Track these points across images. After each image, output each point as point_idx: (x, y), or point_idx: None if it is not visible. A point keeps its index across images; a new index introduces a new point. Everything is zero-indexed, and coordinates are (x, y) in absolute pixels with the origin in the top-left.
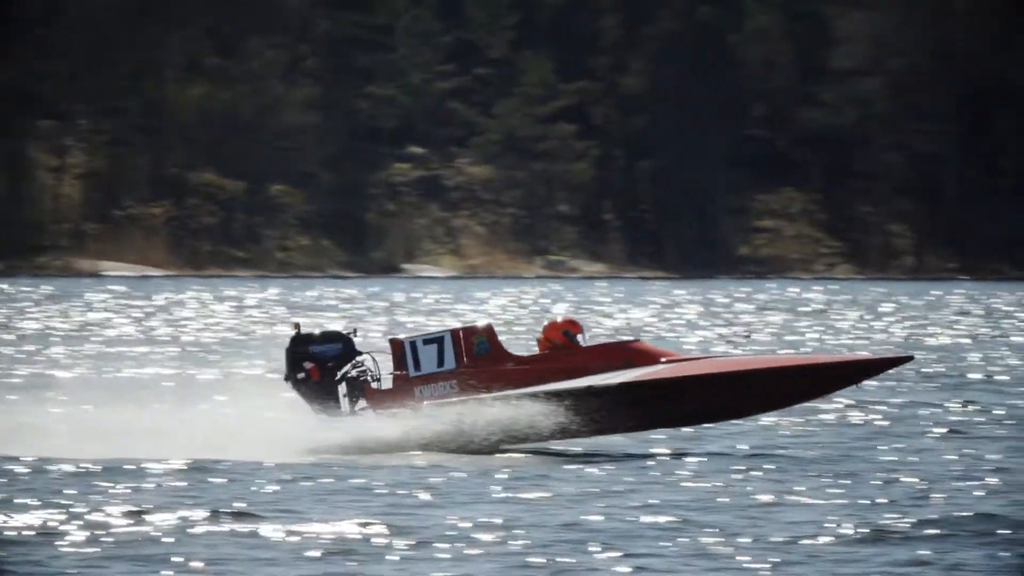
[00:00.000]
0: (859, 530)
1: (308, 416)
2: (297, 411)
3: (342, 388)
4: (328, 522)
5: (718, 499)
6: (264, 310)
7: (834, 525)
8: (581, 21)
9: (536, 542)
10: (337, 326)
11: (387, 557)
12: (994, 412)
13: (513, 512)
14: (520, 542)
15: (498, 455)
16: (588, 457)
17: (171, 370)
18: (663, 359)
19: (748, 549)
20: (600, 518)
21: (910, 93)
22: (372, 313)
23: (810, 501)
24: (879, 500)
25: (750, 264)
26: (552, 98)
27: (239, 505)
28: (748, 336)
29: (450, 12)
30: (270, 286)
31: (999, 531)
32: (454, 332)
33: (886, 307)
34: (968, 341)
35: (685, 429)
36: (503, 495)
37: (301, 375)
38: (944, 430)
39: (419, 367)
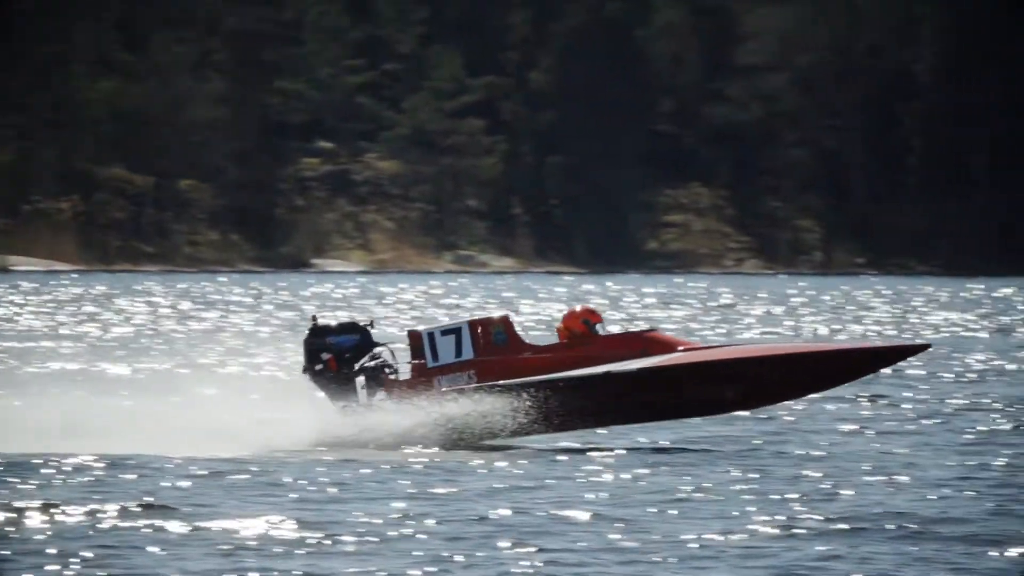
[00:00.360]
0: (769, 525)
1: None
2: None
3: (360, 380)
4: (238, 517)
5: (629, 494)
6: (172, 306)
7: (744, 520)
8: (490, 17)
9: (445, 536)
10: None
11: (296, 552)
12: (903, 407)
13: (423, 507)
14: (429, 536)
15: (412, 450)
16: (501, 452)
17: (78, 365)
18: (680, 347)
19: (658, 543)
20: (509, 512)
21: (817, 89)
22: (279, 308)
23: (720, 496)
24: (789, 495)
25: (659, 259)
26: (461, 93)
27: (148, 499)
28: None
29: (359, 7)
30: (180, 281)
31: (908, 525)
32: (472, 323)
33: (794, 301)
34: (875, 335)
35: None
36: (413, 490)
37: (319, 366)
38: (854, 426)
39: (437, 358)
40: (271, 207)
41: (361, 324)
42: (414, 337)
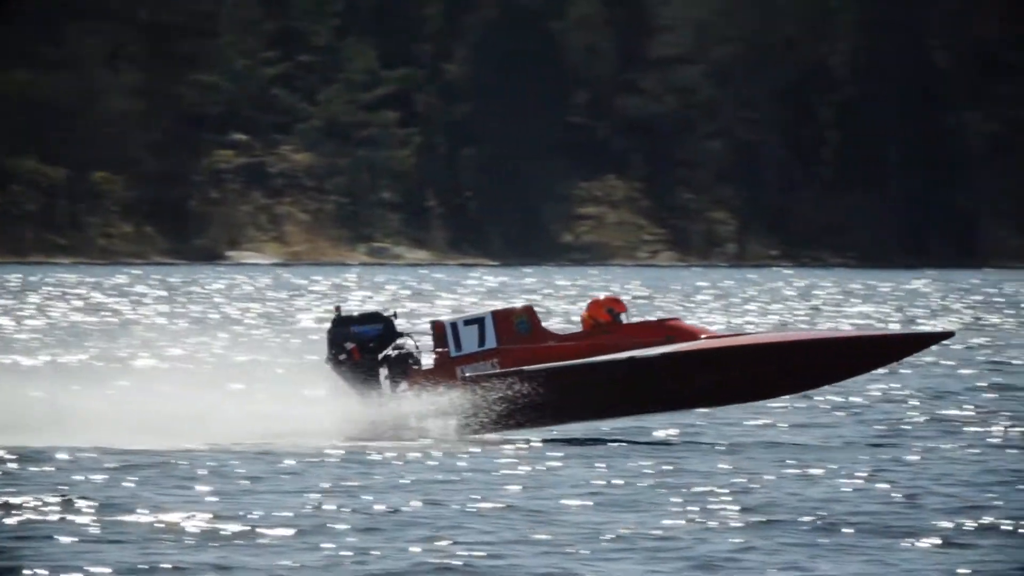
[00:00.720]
0: (682, 517)
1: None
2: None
3: (383, 370)
4: (151, 510)
5: (543, 486)
6: (85, 298)
7: (658, 512)
8: (404, 9)
9: (356, 527)
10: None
11: (209, 544)
12: (815, 399)
13: (338, 499)
14: (342, 528)
15: (331, 442)
16: (412, 446)
17: None
18: (702, 336)
19: (572, 534)
20: (420, 504)
21: (732, 81)
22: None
23: (633, 488)
24: (702, 487)
25: (573, 251)
26: (375, 85)
27: (64, 492)
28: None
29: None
30: (92, 273)
31: (821, 516)
32: (495, 312)
33: (706, 294)
34: (788, 324)
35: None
36: (327, 484)
37: (342, 356)
38: (768, 419)
39: (460, 347)
40: (185, 199)
41: (385, 314)
42: (437, 327)
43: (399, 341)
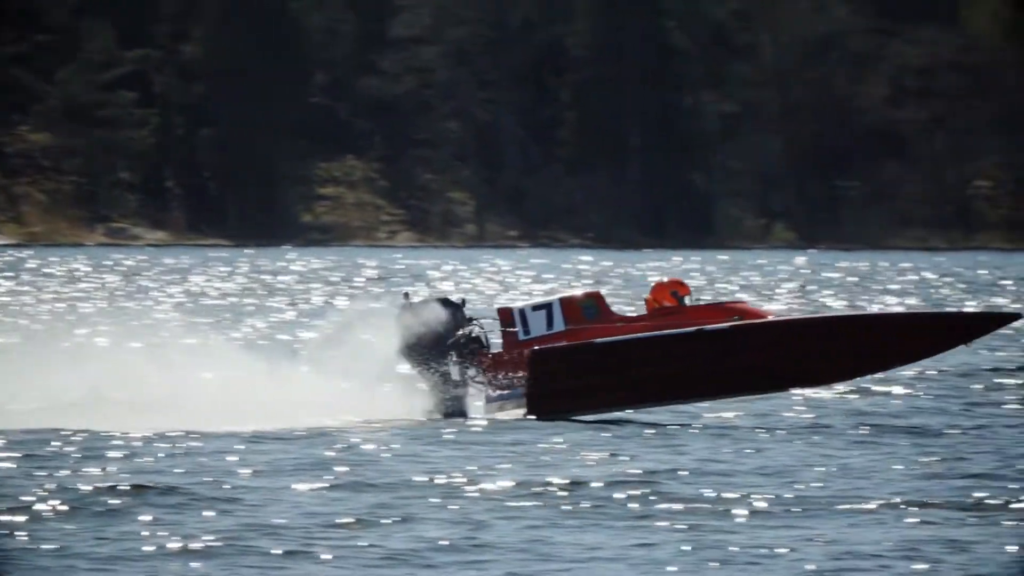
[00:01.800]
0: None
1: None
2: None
3: (452, 355)
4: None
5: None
6: None
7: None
8: None
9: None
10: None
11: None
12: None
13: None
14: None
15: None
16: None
17: None
18: (770, 317)
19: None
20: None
21: (470, 62)
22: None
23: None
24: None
25: (313, 232)
26: (113, 66)
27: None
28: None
29: None
30: None
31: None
32: (563, 299)
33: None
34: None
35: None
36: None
37: (412, 341)
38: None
39: (529, 331)
40: None
41: (454, 300)
42: (504, 314)
43: (468, 327)
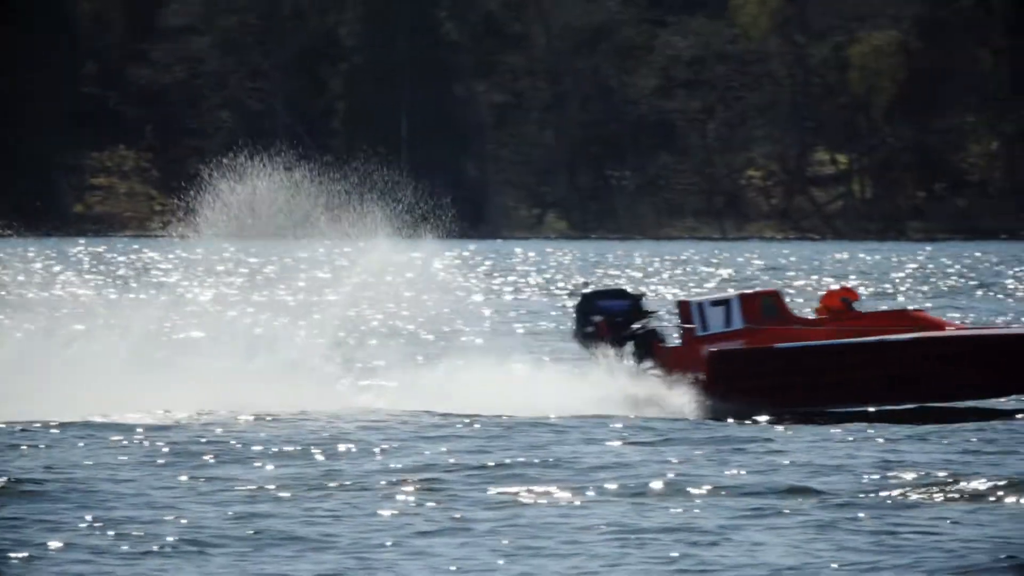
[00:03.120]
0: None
1: None
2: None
3: (629, 346)
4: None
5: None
6: None
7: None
8: None
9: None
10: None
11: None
12: None
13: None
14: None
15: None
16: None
17: None
18: (949, 328)
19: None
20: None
21: (240, 51)
22: None
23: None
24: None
25: (85, 222)
26: None
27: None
28: None
29: None
30: None
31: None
32: (742, 295)
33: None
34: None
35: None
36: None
37: (589, 329)
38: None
39: (707, 327)
40: None
41: (633, 292)
42: (683, 307)
43: (647, 319)
